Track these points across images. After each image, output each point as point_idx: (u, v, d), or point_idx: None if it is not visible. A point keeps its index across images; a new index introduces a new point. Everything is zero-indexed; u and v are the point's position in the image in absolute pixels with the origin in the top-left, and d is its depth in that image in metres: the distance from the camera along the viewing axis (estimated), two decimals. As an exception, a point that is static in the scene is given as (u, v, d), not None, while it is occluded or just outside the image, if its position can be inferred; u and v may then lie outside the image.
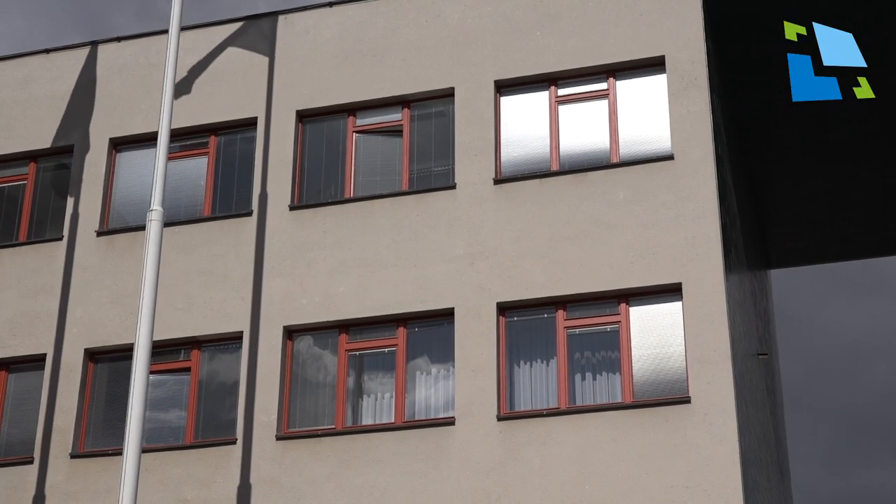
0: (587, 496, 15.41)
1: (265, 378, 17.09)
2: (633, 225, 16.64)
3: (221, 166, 18.95)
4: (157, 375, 17.44)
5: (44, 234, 19.28)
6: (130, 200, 19.08)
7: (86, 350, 17.98)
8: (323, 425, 16.88)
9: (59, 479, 17.24)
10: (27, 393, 18.16)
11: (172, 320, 17.65)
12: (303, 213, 18.03)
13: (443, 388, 16.73)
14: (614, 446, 15.59)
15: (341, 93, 18.64)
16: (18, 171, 19.81)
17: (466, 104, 18.01)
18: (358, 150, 18.45)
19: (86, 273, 18.48)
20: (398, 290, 17.14)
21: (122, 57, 19.93)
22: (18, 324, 18.43)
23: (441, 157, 18.03)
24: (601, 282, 16.51)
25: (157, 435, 17.26)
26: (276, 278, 17.66)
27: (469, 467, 15.92)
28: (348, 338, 17.27)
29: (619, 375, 16.18)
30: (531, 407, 16.32)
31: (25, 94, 20.13)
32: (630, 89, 17.71)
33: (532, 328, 16.77)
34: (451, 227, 17.33)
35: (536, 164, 17.59)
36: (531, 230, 17.01)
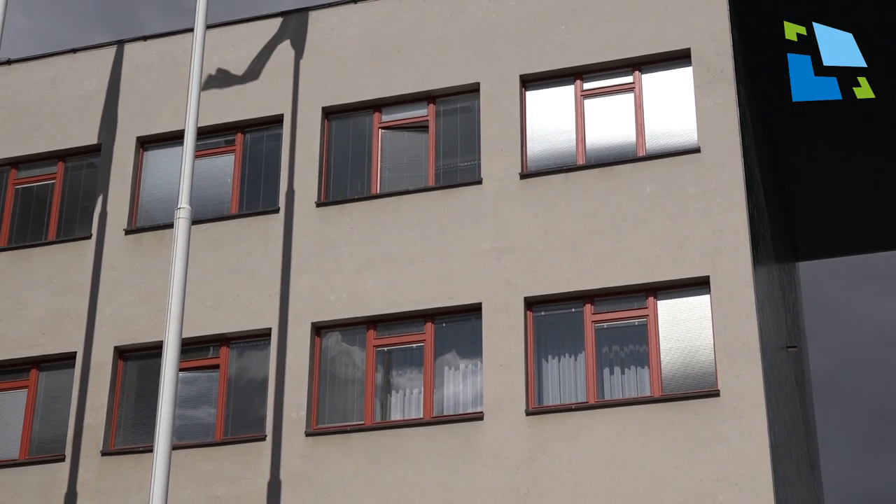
0: (617, 490, 15.39)
1: (294, 374, 17.13)
2: (660, 218, 16.61)
3: (248, 164, 19.00)
4: (187, 373, 17.52)
5: (72, 232, 19.37)
6: (158, 198, 19.16)
7: (115, 348, 18.07)
8: (352, 421, 16.91)
9: (90, 477, 17.34)
10: (58, 391, 18.26)
11: (201, 318, 17.72)
12: (330, 209, 18.06)
13: (471, 384, 16.74)
14: (643, 440, 15.56)
15: (367, 89, 18.66)
16: (47, 171, 19.92)
17: (492, 99, 18.00)
18: (384, 146, 18.46)
19: (114, 271, 18.57)
20: (425, 286, 17.15)
21: (149, 56, 20.01)
22: (49, 322, 18.53)
23: (467, 153, 18.03)
24: (629, 276, 16.48)
25: (187, 432, 17.34)
26: (303, 275, 17.70)
27: (498, 462, 15.92)
28: (376, 334, 17.29)
29: (647, 369, 16.16)
30: (559, 401, 16.31)
31: (53, 94, 20.23)
32: (656, 82, 17.66)
33: (560, 323, 16.76)
34: (477, 222, 17.33)
35: (562, 158, 17.57)
36: (558, 224, 16.99)
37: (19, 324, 18.62)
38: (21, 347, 18.49)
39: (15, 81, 20.44)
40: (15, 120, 20.15)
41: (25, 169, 20.03)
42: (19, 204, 19.88)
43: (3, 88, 19.94)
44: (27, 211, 19.83)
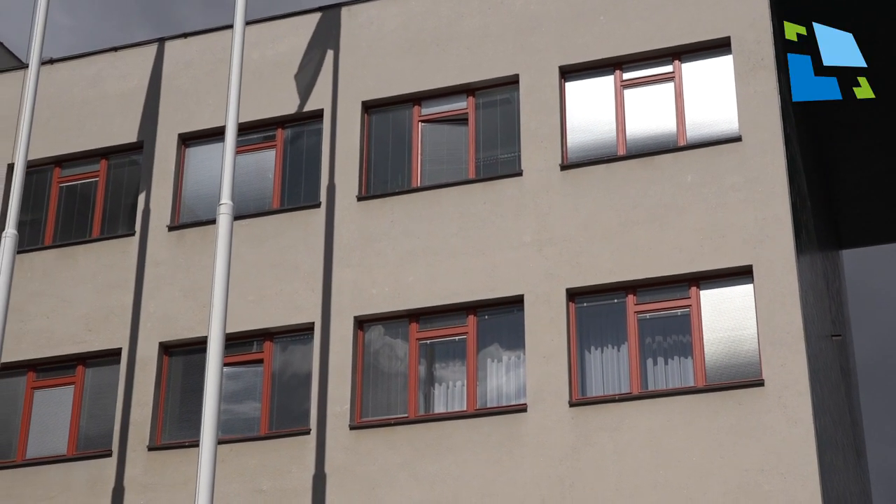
0: (661, 481, 15.36)
1: (337, 368, 17.20)
2: (701, 208, 16.54)
3: (289, 159, 19.07)
4: (231, 368, 17.62)
5: (116, 230, 19.52)
6: (200, 195, 19.27)
7: (160, 344, 18.19)
8: (395, 414, 16.96)
9: (136, 472, 17.48)
10: (104, 387, 18.41)
11: (244, 313, 17.81)
12: (370, 203, 18.11)
13: (514, 375, 16.75)
14: (687, 430, 15.52)
15: (406, 82, 18.68)
16: (90, 169, 20.07)
17: (531, 91, 17.98)
18: (424, 139, 18.49)
19: (158, 268, 18.70)
20: (467, 278, 17.17)
21: (189, 53, 20.12)
22: (94, 319, 18.69)
23: (507, 145, 18.03)
24: (671, 266, 16.43)
25: (232, 426, 17.44)
26: (345, 269, 17.75)
27: (542, 454, 15.93)
28: (418, 326, 17.33)
29: (690, 359, 16.11)
30: (603, 392, 16.29)
31: (95, 93, 20.38)
32: (696, 71, 17.59)
33: (602, 313, 16.74)
34: (518, 214, 17.32)
35: (603, 149, 17.53)
36: (599, 215, 16.96)
37: (65, 321, 18.79)
38: (67, 344, 18.65)
39: (57, 80, 20.60)
40: (58, 119, 20.32)
41: (69, 167, 20.20)
42: (63, 202, 20.05)
43: (46, 87, 20.08)
44: (71, 209, 19.99)
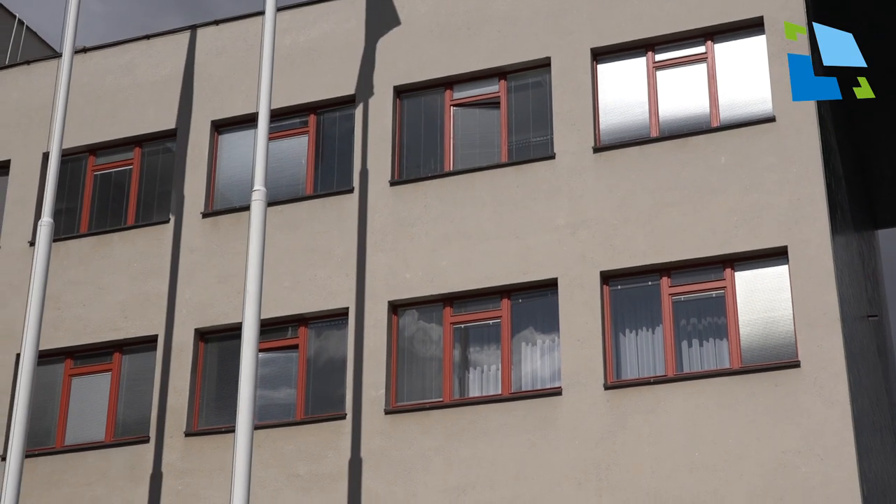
0: (698, 463, 15.33)
1: (372, 353, 17.23)
2: (736, 189, 16.47)
3: (322, 144, 19.10)
4: (266, 353, 17.69)
5: (151, 217, 19.61)
6: (234, 181, 19.33)
7: (196, 330, 18.28)
8: (430, 398, 16.99)
9: (174, 457, 17.59)
10: (141, 373, 18.52)
11: (279, 298, 17.87)
12: (403, 188, 18.12)
13: (548, 359, 16.74)
14: (724, 413, 15.48)
15: (437, 67, 18.66)
16: (124, 157, 20.16)
17: (563, 73, 17.93)
18: (456, 123, 18.47)
19: (193, 254, 18.78)
20: (501, 262, 17.16)
21: (221, 40, 20.16)
22: (130, 306, 18.79)
23: (539, 128, 17.99)
24: (705, 247, 16.37)
25: (268, 412, 17.52)
26: (379, 254, 17.77)
27: (577, 437, 15.92)
28: (453, 311, 17.34)
29: (726, 341, 16.05)
30: (638, 375, 16.26)
31: (128, 81, 20.47)
32: (729, 52, 17.49)
33: (636, 296, 16.70)
34: (551, 198, 17.29)
35: (636, 130, 17.47)
36: (632, 198, 16.91)
37: (101, 308, 18.91)
38: (104, 331, 18.77)
39: (91, 69, 20.70)
40: (92, 107, 20.42)
41: (103, 155, 20.30)
42: (98, 190, 20.16)
43: (80, 76, 20.19)
44: (106, 197, 20.10)
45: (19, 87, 21.23)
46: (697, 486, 15.25)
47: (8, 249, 19.91)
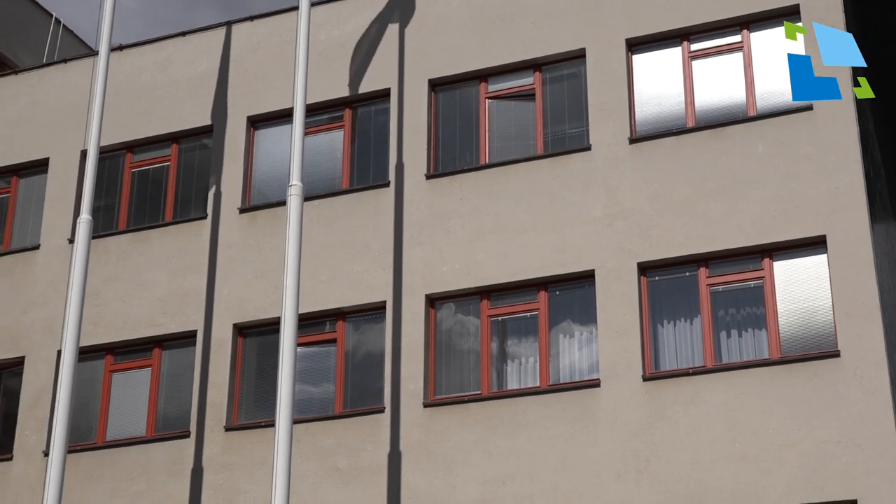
0: (737, 454, 15.28)
1: (410, 346, 17.26)
2: (773, 178, 16.38)
3: (357, 138, 19.14)
4: (305, 348, 17.75)
5: (188, 213, 19.71)
6: (270, 176, 19.39)
7: (234, 325, 18.36)
8: (469, 391, 17.00)
9: (214, 452, 17.68)
10: (181, 369, 18.63)
11: (316, 293, 17.92)
12: (439, 181, 18.12)
13: (586, 351, 16.72)
14: (763, 403, 15.42)
15: (472, 59, 18.65)
16: (161, 153, 20.26)
17: (598, 64, 17.88)
18: (491, 115, 18.46)
19: (230, 250, 18.85)
20: (538, 254, 17.14)
21: (256, 35, 20.22)
22: (169, 302, 18.90)
23: (575, 119, 17.95)
24: (743, 237, 16.30)
25: (307, 406, 17.58)
26: (415, 247, 17.80)
27: (616, 429, 15.90)
28: (490, 304, 17.34)
29: (765, 331, 15.98)
30: (677, 366, 16.22)
31: (164, 77, 20.56)
32: (765, 40, 17.39)
33: (674, 287, 16.65)
34: (587, 189, 17.26)
35: (672, 121, 17.40)
36: (669, 188, 16.85)
37: (141, 304, 19.03)
38: (143, 327, 18.89)
39: (127, 66, 20.81)
40: (129, 104, 20.53)
41: (141, 152, 20.41)
42: (136, 187, 20.27)
43: (116, 74, 20.29)
44: (144, 193, 20.21)
45: (57, 85, 21.37)
46: (737, 477, 15.21)
47: (48, 247, 20.06)
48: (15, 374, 19.58)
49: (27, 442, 18.82)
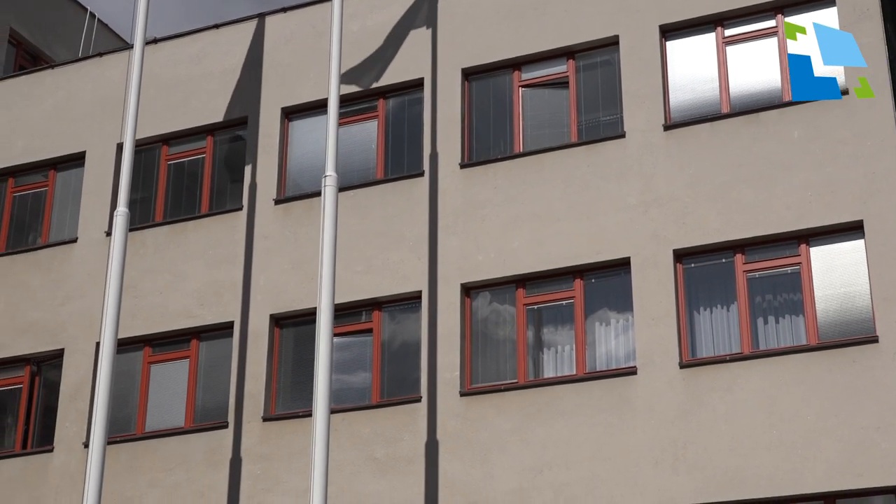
0: (775, 441, 15.23)
1: (446, 335, 17.28)
2: (809, 164, 16.30)
3: (391, 128, 19.16)
4: (341, 338, 17.80)
5: (224, 205, 19.79)
6: (305, 167, 19.44)
7: (271, 316, 18.43)
8: (505, 380, 17.01)
9: (253, 442, 17.77)
10: (218, 360, 18.72)
11: (352, 283, 17.96)
12: (473, 170, 18.13)
13: (623, 338, 16.69)
14: (801, 389, 15.36)
15: (505, 48, 18.63)
16: (197, 146, 20.35)
17: (632, 51, 17.82)
18: (525, 104, 18.44)
19: (266, 241, 18.92)
20: (573, 242, 17.12)
21: (289, 27, 20.27)
22: (205, 293, 18.99)
23: (609, 107, 17.90)
24: (779, 223, 16.23)
25: (343, 396, 17.64)
26: (450, 236, 17.81)
27: (654, 416, 15.87)
28: (525, 292, 17.34)
29: (802, 317, 15.91)
30: (713, 353, 16.17)
31: (199, 70, 20.64)
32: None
33: (710, 274, 16.59)
34: (622, 176, 17.22)
35: (706, 107, 17.32)
36: (704, 175, 16.79)
37: (178, 296, 19.13)
38: (181, 318, 18.99)
39: (162, 60, 20.90)
40: (164, 97, 20.63)
41: (176, 145, 20.51)
42: (172, 179, 20.37)
43: (151, 67, 20.38)
44: (180, 185, 20.31)
45: (92, 79, 21.50)
46: (775, 464, 15.16)
47: (85, 240, 20.20)
48: (54, 367, 19.74)
49: (67, 434, 18.98)
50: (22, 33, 24.34)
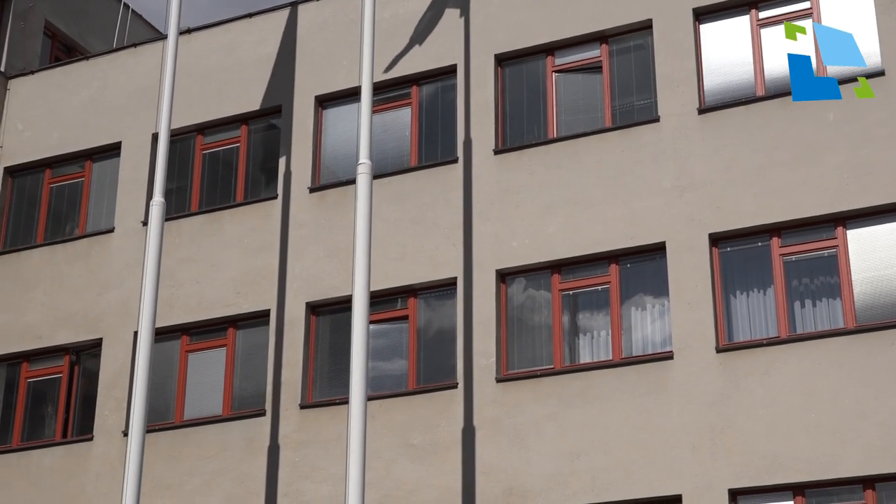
0: (813, 424, 15.17)
1: (481, 322, 17.29)
2: (845, 146, 16.19)
3: (425, 115, 19.15)
4: (377, 325, 17.84)
5: (259, 193, 19.86)
6: (339, 155, 19.47)
7: (307, 304, 18.49)
8: (541, 366, 17.01)
9: (290, 430, 17.85)
10: (255, 348, 18.80)
11: (387, 270, 17.99)
12: (507, 156, 18.11)
13: (659, 323, 16.65)
14: (839, 373, 15.28)
15: (538, 33, 18.58)
16: (231, 135, 20.42)
17: (665, 35, 17.74)
18: (558, 89, 18.39)
19: (301, 229, 18.98)
20: (608, 227, 17.09)
21: (321, 15, 20.29)
22: (242, 282, 19.07)
23: (643, 91, 17.84)
24: (816, 206, 16.13)
25: (380, 383, 17.68)
26: (485, 223, 17.81)
27: (691, 401, 15.84)
28: (561, 277, 17.32)
29: (839, 300, 15.83)
30: (750, 337, 16.11)
31: (233, 60, 20.70)
32: (835, 5, 17.14)
33: (746, 257, 16.53)
34: (657, 161, 17.16)
35: (741, 90, 17.23)
36: (739, 158, 16.71)
37: (214, 285, 19.22)
38: (218, 307, 19.09)
39: (195, 50, 20.97)
40: (198, 87, 20.70)
41: (211, 134, 20.58)
42: (207, 168, 20.45)
43: (185, 57, 20.44)
44: (215, 175, 20.39)
45: (127, 70, 21.61)
46: (814, 448, 15.10)
47: (122, 230, 20.32)
48: (93, 356, 19.89)
49: (107, 422, 19.12)
50: (57, 25, 24.48)
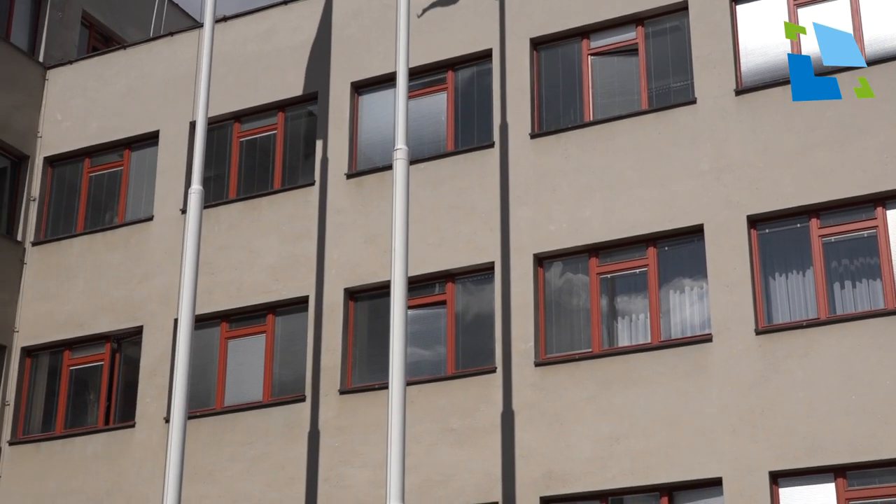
0: (854, 406, 15.10)
1: (519, 306, 17.30)
2: (884, 126, 16.07)
3: (461, 100, 19.15)
4: (415, 310, 17.88)
5: (296, 180, 19.92)
6: (375, 141, 19.50)
7: (345, 290, 18.56)
8: (579, 349, 17.01)
9: (330, 415, 17.93)
10: (294, 334, 18.89)
11: (425, 255, 18.02)
12: (544, 140, 18.09)
13: (697, 306, 16.61)
14: (879, 354, 15.20)
15: (573, 16, 18.53)
16: (268, 122, 20.49)
17: (701, 16, 17.65)
18: (594, 72, 18.34)
19: (339, 215, 19.03)
20: (645, 210, 17.05)
21: (357, 2, 20.30)
22: (280, 269, 19.15)
23: (679, 73, 17.76)
24: (854, 186, 16.03)
25: (419, 368, 17.73)
26: (522, 207, 17.80)
27: (730, 383, 15.80)
28: (598, 261, 17.30)
29: (879, 281, 15.74)
30: (789, 319, 16.05)
31: (269, 47, 20.76)
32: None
33: (785, 239, 16.45)
34: (694, 143, 17.10)
35: (778, 71, 17.11)
36: (777, 139, 16.62)
37: (253, 271, 19.32)
38: (257, 294, 19.18)
39: (231, 37, 21.05)
40: (234, 75, 20.78)
41: (248, 121, 20.66)
42: (244, 156, 20.53)
43: (221, 45, 20.54)
44: (252, 162, 20.47)
45: (164, 59, 21.71)
46: (855, 430, 15.03)
47: (161, 218, 20.45)
48: (134, 344, 20.05)
49: (148, 409, 19.28)
50: (94, 15, 24.63)
